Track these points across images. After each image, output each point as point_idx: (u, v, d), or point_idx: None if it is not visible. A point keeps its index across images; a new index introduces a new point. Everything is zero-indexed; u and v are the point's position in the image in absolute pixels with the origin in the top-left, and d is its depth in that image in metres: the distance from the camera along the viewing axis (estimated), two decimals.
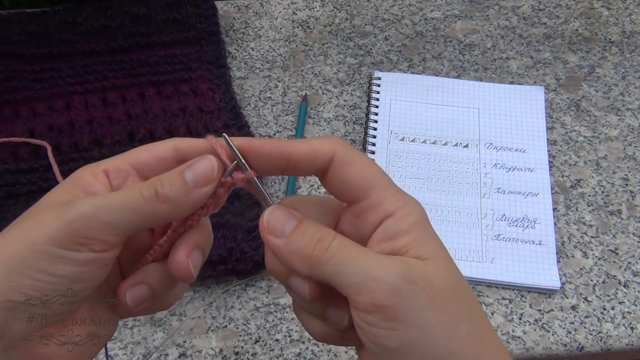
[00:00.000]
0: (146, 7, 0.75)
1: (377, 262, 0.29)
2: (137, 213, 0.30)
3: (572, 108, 0.73)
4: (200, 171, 0.31)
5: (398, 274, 0.28)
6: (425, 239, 0.31)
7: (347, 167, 0.31)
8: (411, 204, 0.31)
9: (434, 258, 0.30)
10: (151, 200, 0.30)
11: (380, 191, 0.31)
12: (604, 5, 0.83)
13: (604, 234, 0.64)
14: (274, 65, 0.75)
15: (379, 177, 0.31)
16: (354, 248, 0.30)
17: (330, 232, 0.31)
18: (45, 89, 0.69)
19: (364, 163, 0.31)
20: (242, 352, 0.56)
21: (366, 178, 0.31)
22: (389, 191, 0.31)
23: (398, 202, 0.31)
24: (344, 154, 0.31)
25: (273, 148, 0.31)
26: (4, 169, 0.63)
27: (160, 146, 0.33)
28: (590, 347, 0.57)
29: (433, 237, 0.31)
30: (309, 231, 0.31)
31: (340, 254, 0.30)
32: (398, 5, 0.82)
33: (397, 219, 0.30)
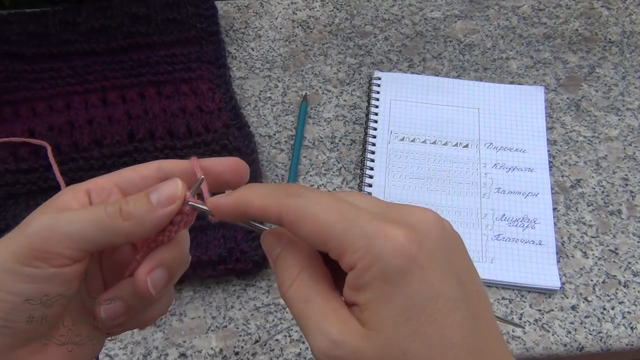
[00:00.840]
0: (146, 7, 0.75)
1: (313, 328, 0.28)
2: (98, 227, 0.30)
3: (572, 108, 0.73)
4: (164, 192, 0.31)
5: (323, 349, 0.28)
6: (379, 303, 0.27)
7: (297, 226, 0.29)
8: (373, 253, 0.27)
9: (377, 330, 0.27)
10: (114, 215, 0.30)
11: (336, 244, 0.28)
12: (604, 5, 0.83)
13: (604, 234, 0.64)
14: (274, 65, 0.75)
15: (330, 229, 0.28)
16: (301, 305, 0.29)
17: (289, 278, 0.30)
18: (45, 89, 0.69)
19: (312, 217, 0.28)
20: (242, 352, 0.56)
21: (317, 234, 0.28)
22: (346, 240, 0.28)
23: (356, 253, 0.27)
24: (289, 213, 0.29)
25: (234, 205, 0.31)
26: (4, 169, 0.63)
27: (146, 166, 0.34)
28: (590, 347, 0.57)
29: (393, 296, 0.27)
30: (279, 268, 0.31)
31: (291, 308, 0.30)
32: (398, 5, 0.82)
33: (356, 273, 0.28)
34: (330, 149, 0.69)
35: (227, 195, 0.31)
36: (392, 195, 0.65)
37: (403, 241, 0.27)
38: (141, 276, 0.31)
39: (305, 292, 0.29)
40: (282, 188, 0.30)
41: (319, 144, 0.69)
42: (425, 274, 0.27)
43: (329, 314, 0.28)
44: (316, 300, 0.29)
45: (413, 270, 0.27)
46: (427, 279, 0.27)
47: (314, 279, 0.30)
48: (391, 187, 0.66)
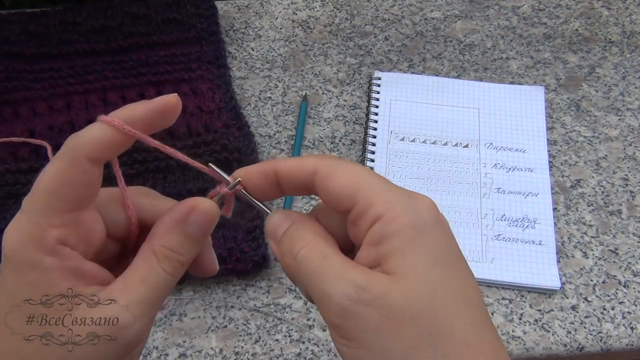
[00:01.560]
0: (146, 7, 0.75)
1: (334, 278, 0.28)
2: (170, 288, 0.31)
3: (572, 108, 0.73)
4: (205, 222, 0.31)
5: (348, 293, 0.27)
6: (407, 248, 0.28)
7: (329, 178, 0.30)
8: (403, 205, 0.28)
9: (405, 273, 0.27)
10: (178, 272, 0.31)
11: (366, 195, 0.29)
12: (604, 5, 0.83)
13: (604, 234, 0.64)
14: (274, 65, 0.75)
15: (363, 181, 0.29)
16: (318, 260, 0.29)
17: (302, 239, 0.30)
18: (45, 89, 0.69)
19: (347, 171, 0.30)
20: (242, 352, 0.56)
21: (349, 185, 0.29)
22: (376, 194, 0.29)
23: (386, 204, 0.28)
24: (325, 166, 0.30)
25: (262, 166, 0.32)
26: (4, 169, 0.63)
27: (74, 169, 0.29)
28: (590, 347, 0.57)
29: (421, 243, 0.28)
30: (289, 237, 0.31)
31: (304, 266, 0.29)
32: (398, 5, 0.82)
33: (383, 222, 0.28)
34: (330, 149, 0.69)
35: (259, 164, 0.32)
36: None
37: (431, 204, 0.29)
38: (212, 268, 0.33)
39: (322, 249, 0.30)
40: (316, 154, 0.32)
41: (319, 144, 0.69)
42: (447, 235, 0.29)
43: (350, 265, 0.29)
44: (334, 255, 0.29)
45: (438, 228, 0.29)
46: (449, 239, 0.29)
47: (329, 242, 0.30)
48: None
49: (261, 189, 0.32)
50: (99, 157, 0.30)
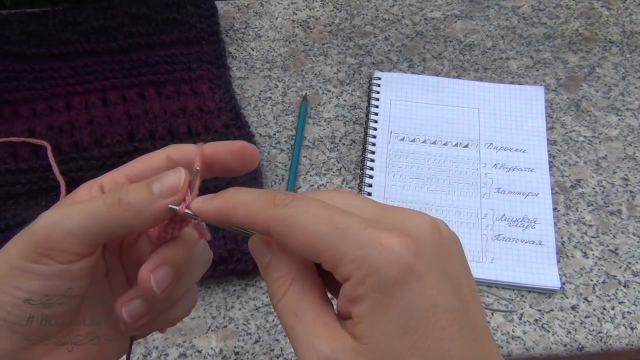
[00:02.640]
0: (146, 7, 0.75)
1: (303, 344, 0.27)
2: (97, 220, 0.29)
3: (572, 108, 0.73)
4: (167, 182, 0.30)
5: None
6: (375, 315, 0.26)
7: (285, 238, 0.27)
8: (369, 264, 0.26)
9: (372, 345, 0.26)
10: (112, 206, 0.29)
11: (329, 255, 0.27)
12: (604, 5, 0.83)
13: (604, 234, 0.64)
14: (274, 65, 0.75)
15: (322, 240, 0.27)
16: (291, 319, 0.28)
17: (280, 289, 0.29)
18: (45, 89, 0.69)
19: (302, 229, 0.27)
20: (242, 352, 0.56)
21: (309, 247, 0.27)
22: (340, 251, 0.26)
23: (351, 264, 0.26)
24: (276, 225, 0.28)
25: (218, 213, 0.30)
26: (4, 169, 0.63)
27: (155, 156, 0.33)
28: (590, 347, 0.57)
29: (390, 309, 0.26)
30: (270, 277, 0.30)
31: (282, 320, 0.29)
32: (398, 5, 0.82)
33: (352, 284, 0.26)
34: (330, 149, 0.69)
35: (212, 200, 0.30)
36: (392, 195, 0.65)
37: (399, 250, 0.26)
38: (144, 274, 0.30)
39: (296, 305, 0.28)
40: (269, 197, 0.28)
41: (319, 144, 0.69)
42: (422, 284, 0.26)
43: (320, 329, 0.27)
44: (307, 313, 0.28)
45: (410, 280, 0.26)
46: (425, 290, 0.26)
47: (306, 290, 0.29)
48: (391, 187, 0.66)
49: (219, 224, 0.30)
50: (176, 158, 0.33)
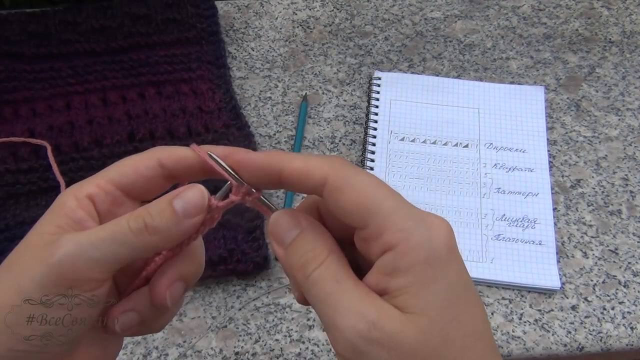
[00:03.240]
0: (146, 7, 0.75)
1: (346, 309, 0.27)
2: (125, 246, 0.29)
3: (572, 108, 0.73)
4: (190, 201, 0.30)
5: (360, 330, 0.26)
6: (421, 286, 0.27)
7: (341, 193, 0.28)
8: (418, 235, 0.27)
9: (419, 314, 0.27)
10: (139, 232, 0.29)
11: (379, 219, 0.27)
12: (604, 5, 0.83)
13: (604, 234, 0.64)
14: (274, 65, 0.75)
15: (378, 202, 0.27)
16: (331, 285, 0.28)
17: (317, 258, 0.29)
18: (45, 89, 0.69)
19: (359, 187, 0.28)
20: (242, 352, 0.56)
21: (362, 205, 0.27)
22: (391, 219, 0.27)
23: (400, 233, 0.27)
24: (336, 178, 0.28)
25: (265, 161, 0.30)
26: (4, 169, 0.63)
27: (144, 162, 0.32)
28: (590, 347, 0.57)
29: (435, 281, 0.27)
30: (301, 249, 0.29)
31: (316, 289, 0.28)
32: (398, 5, 0.82)
33: (396, 254, 0.27)
34: (330, 149, 0.69)
35: (260, 154, 0.30)
36: None
37: (446, 232, 0.28)
38: (161, 290, 0.31)
39: (336, 272, 0.28)
40: (325, 157, 0.29)
41: (319, 144, 0.69)
42: (459, 265, 0.28)
43: (364, 296, 0.27)
44: (348, 281, 0.28)
45: (452, 259, 0.28)
46: (462, 270, 0.28)
47: (343, 263, 0.29)
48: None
49: (258, 182, 0.31)
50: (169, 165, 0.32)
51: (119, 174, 0.32)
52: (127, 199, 0.32)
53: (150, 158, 0.32)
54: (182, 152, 0.32)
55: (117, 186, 0.32)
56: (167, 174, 0.32)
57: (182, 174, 0.32)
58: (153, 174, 0.32)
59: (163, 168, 0.32)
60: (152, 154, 0.32)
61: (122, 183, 0.32)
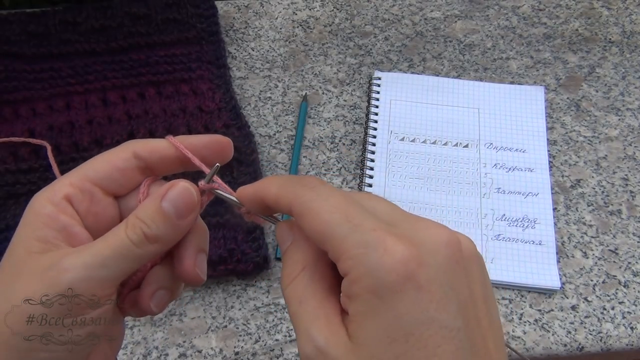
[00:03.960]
0: (146, 7, 0.75)
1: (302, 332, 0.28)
2: (130, 259, 0.30)
3: (572, 108, 0.73)
4: (181, 201, 0.31)
5: (308, 354, 0.27)
6: (365, 316, 0.26)
7: (302, 220, 0.28)
8: (367, 263, 0.26)
9: (361, 346, 0.26)
10: (142, 244, 0.30)
11: (334, 246, 0.27)
12: (604, 5, 0.83)
13: (604, 234, 0.64)
14: (274, 65, 0.75)
15: (331, 230, 0.27)
16: (295, 305, 0.29)
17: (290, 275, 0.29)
18: (45, 89, 0.69)
19: (318, 213, 0.28)
20: (242, 352, 0.56)
21: (319, 232, 0.28)
22: (343, 245, 0.27)
23: (350, 260, 0.26)
24: (298, 205, 0.28)
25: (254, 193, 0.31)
26: (4, 169, 0.63)
27: (119, 154, 0.32)
28: (590, 347, 0.57)
29: (381, 313, 0.25)
30: (285, 261, 0.30)
31: (288, 305, 0.29)
32: (398, 5, 0.82)
33: (348, 281, 0.27)
34: (330, 149, 0.69)
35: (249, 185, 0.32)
36: (392, 195, 0.65)
37: (401, 257, 0.25)
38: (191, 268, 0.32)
39: (302, 292, 0.29)
40: (299, 179, 0.30)
41: (319, 144, 0.69)
42: (420, 295, 0.25)
43: (320, 319, 0.28)
44: (310, 302, 0.28)
45: (407, 289, 0.25)
46: (422, 302, 0.25)
47: (315, 278, 0.29)
48: (391, 187, 0.66)
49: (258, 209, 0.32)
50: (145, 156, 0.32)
51: (93, 169, 0.32)
52: (103, 195, 0.32)
53: (125, 151, 0.32)
54: (157, 143, 0.33)
55: (93, 182, 0.32)
56: (142, 166, 0.33)
57: (158, 165, 0.33)
58: (128, 167, 0.32)
59: (139, 159, 0.32)
60: (126, 147, 0.32)
61: (98, 178, 0.32)
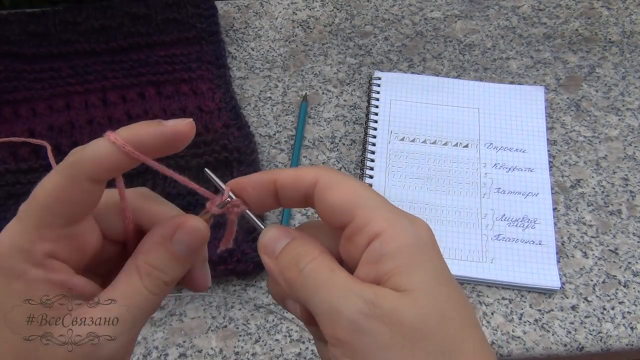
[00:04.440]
0: (146, 7, 0.75)
1: (343, 292, 0.27)
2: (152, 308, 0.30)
3: (572, 108, 0.73)
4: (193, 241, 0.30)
5: (360, 308, 0.26)
6: (412, 266, 0.27)
7: (330, 191, 0.30)
8: (402, 224, 0.28)
9: (414, 290, 0.27)
10: (164, 292, 0.30)
11: (365, 211, 0.29)
12: (604, 5, 0.83)
13: (604, 234, 0.64)
14: (274, 65, 0.75)
15: (364, 197, 0.29)
16: (326, 273, 0.28)
17: (310, 253, 0.29)
18: (45, 89, 0.69)
19: (347, 185, 0.30)
20: (242, 352, 0.56)
21: (349, 199, 0.29)
22: (376, 211, 0.29)
23: (385, 221, 0.28)
24: (326, 178, 0.30)
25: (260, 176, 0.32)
26: (4, 169, 0.63)
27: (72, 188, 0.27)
28: (590, 347, 0.57)
29: (424, 262, 0.28)
30: (293, 251, 0.30)
31: (311, 279, 0.28)
32: (398, 5, 0.82)
33: (383, 240, 0.28)
34: (330, 149, 0.69)
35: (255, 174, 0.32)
36: (392, 195, 0.65)
37: (429, 229, 0.30)
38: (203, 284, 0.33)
39: (330, 263, 0.29)
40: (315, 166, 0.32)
41: (319, 144, 0.69)
42: (442, 260, 0.29)
43: (358, 281, 0.28)
44: (342, 270, 0.29)
45: (435, 248, 0.29)
46: (445, 265, 0.29)
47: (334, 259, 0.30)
48: (391, 187, 0.66)
49: (257, 199, 0.32)
50: (101, 177, 0.28)
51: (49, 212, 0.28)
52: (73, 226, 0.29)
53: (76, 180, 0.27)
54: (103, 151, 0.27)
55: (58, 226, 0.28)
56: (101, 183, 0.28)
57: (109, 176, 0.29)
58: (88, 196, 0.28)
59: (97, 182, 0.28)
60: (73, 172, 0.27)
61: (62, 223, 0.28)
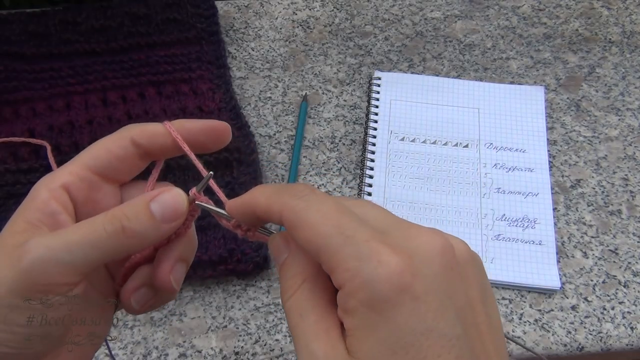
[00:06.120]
0: (146, 7, 0.75)
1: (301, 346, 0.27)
2: (99, 249, 0.29)
3: (572, 108, 0.73)
4: (168, 206, 0.30)
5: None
6: (364, 330, 0.25)
7: (294, 230, 0.28)
8: (361, 277, 0.25)
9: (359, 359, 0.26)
10: (116, 235, 0.29)
11: (328, 258, 0.26)
12: (604, 5, 0.83)
13: (604, 234, 0.64)
14: (274, 65, 0.75)
15: (326, 241, 0.26)
16: (295, 318, 0.28)
17: (291, 288, 0.29)
18: (45, 89, 0.69)
19: (311, 224, 0.27)
20: (242, 352, 0.56)
21: (312, 244, 0.27)
22: (338, 257, 0.26)
23: (345, 272, 0.26)
24: (289, 215, 0.28)
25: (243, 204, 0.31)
26: (4, 169, 0.63)
27: (117, 142, 0.32)
28: (590, 347, 0.57)
29: (379, 327, 0.25)
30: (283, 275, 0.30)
31: (288, 318, 0.28)
32: (398, 5, 0.82)
33: (344, 294, 0.26)
34: (330, 149, 0.69)
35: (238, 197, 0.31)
36: (392, 195, 0.65)
37: (395, 269, 0.25)
38: (164, 276, 0.31)
39: (303, 305, 0.28)
40: (288, 188, 0.29)
41: (319, 144, 0.69)
42: (417, 306, 0.25)
43: (320, 334, 0.27)
44: (310, 316, 0.28)
45: (404, 300, 0.25)
46: (419, 312, 0.25)
47: (316, 291, 0.28)
48: (391, 187, 0.66)
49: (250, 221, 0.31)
50: (142, 142, 0.32)
51: (92, 157, 0.32)
52: (104, 182, 0.32)
53: (123, 138, 0.32)
54: (154, 128, 0.32)
55: (92, 170, 0.31)
56: (141, 152, 0.32)
57: (156, 152, 0.33)
58: (127, 154, 0.32)
59: (137, 146, 0.32)
60: (124, 133, 0.32)
61: (97, 166, 0.32)
